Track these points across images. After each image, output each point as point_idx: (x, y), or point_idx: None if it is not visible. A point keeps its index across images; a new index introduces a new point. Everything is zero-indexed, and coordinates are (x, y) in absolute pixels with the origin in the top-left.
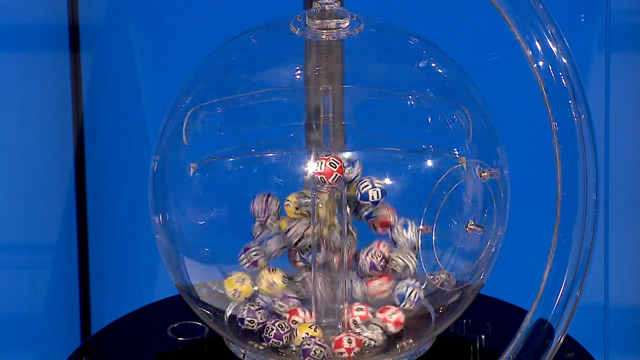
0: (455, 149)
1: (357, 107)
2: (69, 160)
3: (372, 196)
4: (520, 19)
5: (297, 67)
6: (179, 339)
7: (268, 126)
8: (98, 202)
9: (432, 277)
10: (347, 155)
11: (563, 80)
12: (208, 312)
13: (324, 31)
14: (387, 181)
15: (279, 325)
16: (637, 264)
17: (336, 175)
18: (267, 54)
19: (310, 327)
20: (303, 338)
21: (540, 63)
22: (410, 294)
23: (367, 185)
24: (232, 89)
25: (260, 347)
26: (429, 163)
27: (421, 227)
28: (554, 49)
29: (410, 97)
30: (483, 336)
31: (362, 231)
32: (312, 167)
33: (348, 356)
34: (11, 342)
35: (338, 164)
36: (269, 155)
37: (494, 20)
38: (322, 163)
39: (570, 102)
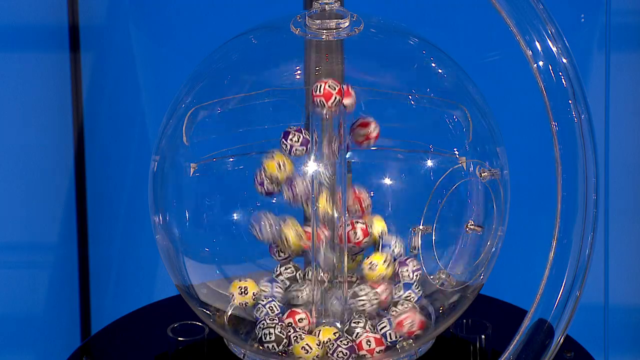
0: (455, 149)
1: (357, 107)
2: (69, 160)
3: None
4: (520, 19)
5: (297, 67)
6: (179, 339)
7: (268, 126)
8: (98, 202)
9: (431, 277)
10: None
11: (563, 80)
12: (208, 312)
13: (324, 31)
14: (387, 181)
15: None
16: (637, 264)
17: (335, 97)
18: (267, 54)
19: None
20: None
21: (540, 63)
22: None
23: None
24: (232, 89)
25: (261, 348)
26: (429, 163)
27: (421, 227)
28: (554, 49)
29: (410, 97)
30: (483, 336)
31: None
32: (312, 167)
33: (372, 356)
34: (11, 342)
35: (337, 86)
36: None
37: (494, 20)
38: (320, 86)
39: (570, 102)
